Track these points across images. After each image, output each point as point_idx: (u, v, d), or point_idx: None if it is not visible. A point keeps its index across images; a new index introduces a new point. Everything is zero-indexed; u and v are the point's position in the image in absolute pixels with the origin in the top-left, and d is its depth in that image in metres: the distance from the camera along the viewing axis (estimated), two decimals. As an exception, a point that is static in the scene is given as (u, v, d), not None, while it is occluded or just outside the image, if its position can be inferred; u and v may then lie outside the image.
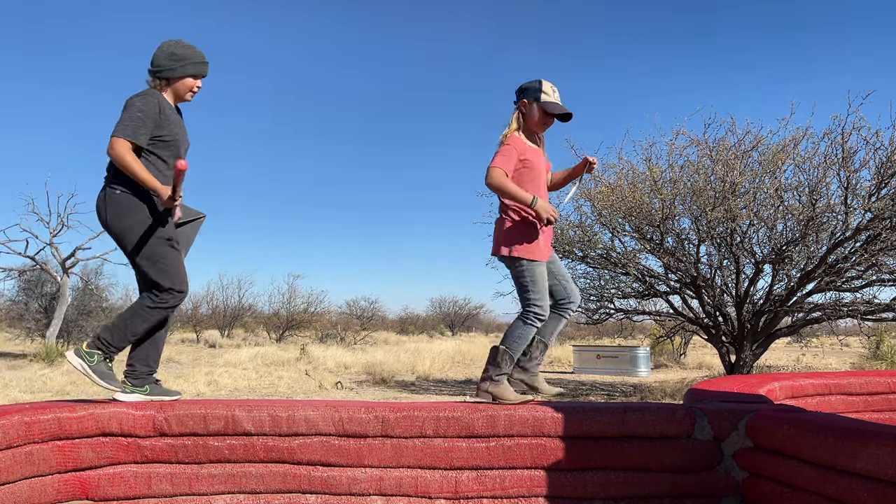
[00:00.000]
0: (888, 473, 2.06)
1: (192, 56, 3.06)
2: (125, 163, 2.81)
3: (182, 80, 3.07)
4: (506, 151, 3.13)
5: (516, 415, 2.81)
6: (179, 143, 3.09)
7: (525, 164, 3.17)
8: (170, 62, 3.01)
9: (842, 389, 4.10)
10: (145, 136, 2.90)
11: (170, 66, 3.02)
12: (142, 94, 2.97)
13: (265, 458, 2.82)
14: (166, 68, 3.02)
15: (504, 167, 3.08)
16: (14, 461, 2.49)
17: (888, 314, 8.97)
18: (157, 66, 3.02)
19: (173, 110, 3.08)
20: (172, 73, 3.03)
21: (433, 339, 33.36)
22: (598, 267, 10.57)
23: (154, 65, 3.03)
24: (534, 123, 3.23)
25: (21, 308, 19.52)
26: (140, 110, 2.88)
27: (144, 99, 2.93)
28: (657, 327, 16.26)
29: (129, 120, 2.85)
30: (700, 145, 9.39)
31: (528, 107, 3.21)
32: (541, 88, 3.20)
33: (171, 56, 3.01)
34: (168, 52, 3.01)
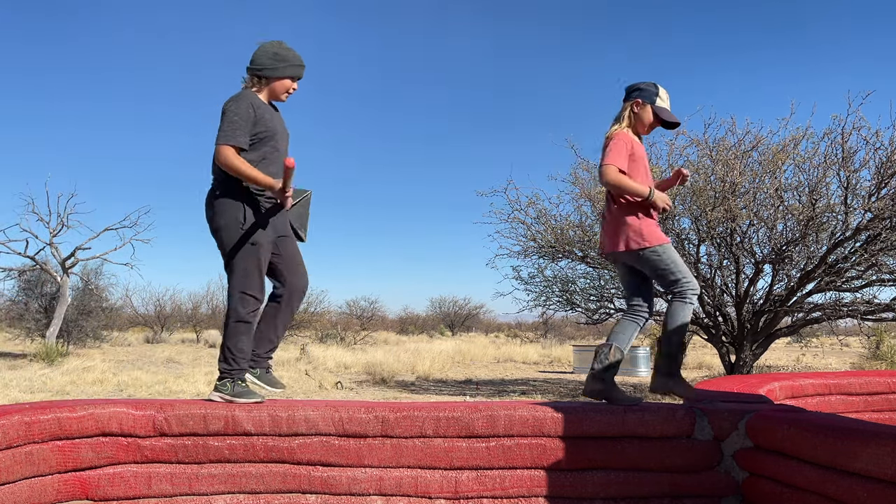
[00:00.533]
0: (888, 473, 2.06)
1: (293, 58, 3.11)
2: (234, 167, 2.89)
3: (281, 81, 3.12)
4: (618, 147, 3.13)
5: (516, 415, 2.81)
6: (278, 136, 3.12)
7: (633, 158, 3.18)
8: (272, 62, 3.06)
9: (842, 389, 4.10)
10: (244, 137, 2.96)
11: (272, 66, 3.07)
12: (235, 97, 3.02)
13: (265, 458, 2.82)
14: (268, 67, 3.06)
15: (618, 164, 3.10)
16: (14, 461, 2.49)
17: (888, 314, 8.97)
18: (259, 65, 3.07)
19: (267, 107, 3.12)
20: (273, 72, 3.08)
21: (433, 339, 33.36)
22: (598, 267, 10.57)
23: (255, 63, 3.07)
24: (643, 125, 3.26)
25: (21, 308, 19.51)
26: (235, 114, 2.94)
27: (237, 102, 2.98)
28: (657, 327, 16.25)
29: (228, 125, 2.93)
30: (700, 145, 9.39)
31: (642, 108, 3.23)
32: (657, 92, 3.23)
33: (275, 56, 3.07)
34: (271, 52, 3.07)
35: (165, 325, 30.32)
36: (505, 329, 46.68)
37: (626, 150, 3.14)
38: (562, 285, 11.33)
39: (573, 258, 10.55)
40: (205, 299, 32.60)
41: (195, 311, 32.10)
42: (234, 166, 2.89)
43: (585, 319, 11.76)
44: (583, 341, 29.49)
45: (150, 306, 30.53)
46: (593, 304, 11.37)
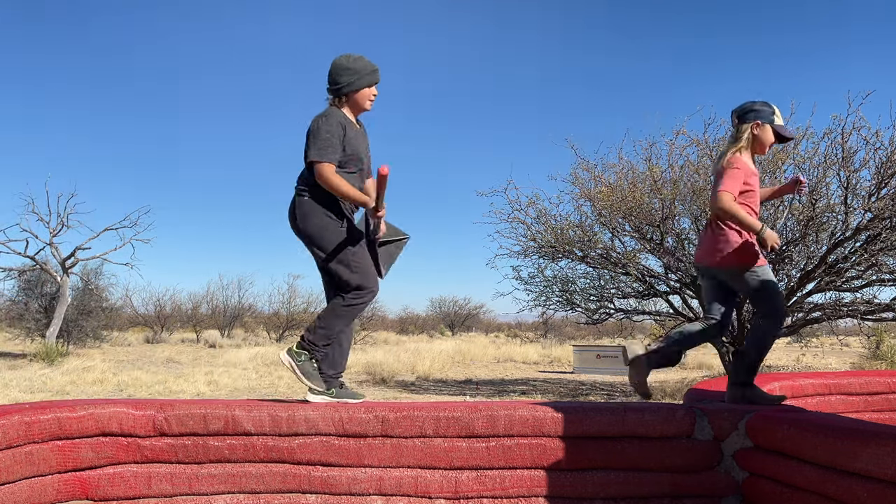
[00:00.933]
0: (888, 473, 2.06)
1: (365, 67, 3.14)
2: (334, 185, 2.96)
3: (360, 92, 3.15)
4: (734, 175, 3.16)
5: (516, 415, 2.81)
6: (361, 155, 3.18)
7: (748, 186, 3.22)
8: (348, 77, 3.10)
9: (842, 389, 4.10)
10: (336, 155, 3.02)
11: (348, 82, 3.11)
12: (324, 115, 3.08)
13: (265, 458, 2.82)
14: (345, 84, 3.11)
15: (734, 191, 3.14)
16: (14, 461, 2.49)
17: (888, 314, 8.97)
18: (337, 84, 3.12)
19: (352, 125, 3.16)
20: (351, 87, 3.12)
21: (433, 339, 33.36)
22: (598, 267, 10.56)
23: (333, 83, 3.13)
24: (762, 146, 3.30)
25: (21, 308, 19.51)
26: (327, 132, 3.00)
27: (327, 120, 3.04)
28: (657, 327, 16.26)
29: (322, 143, 2.98)
30: (700, 145, 9.39)
31: (762, 129, 3.25)
32: (773, 111, 3.27)
33: (348, 71, 3.10)
34: (343, 67, 3.11)
35: (165, 325, 30.32)
36: (505, 329, 46.68)
37: (742, 178, 3.18)
38: (562, 285, 11.33)
39: (573, 258, 10.54)
40: (205, 299, 32.63)
41: (195, 311, 32.09)
42: (332, 183, 2.96)
43: (585, 319, 11.76)
44: (583, 341, 29.49)
45: (150, 306, 30.57)
46: (593, 304, 11.37)
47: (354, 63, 3.11)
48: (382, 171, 2.87)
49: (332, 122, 3.03)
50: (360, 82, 3.12)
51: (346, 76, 3.10)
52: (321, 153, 2.96)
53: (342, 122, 3.07)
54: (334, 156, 2.99)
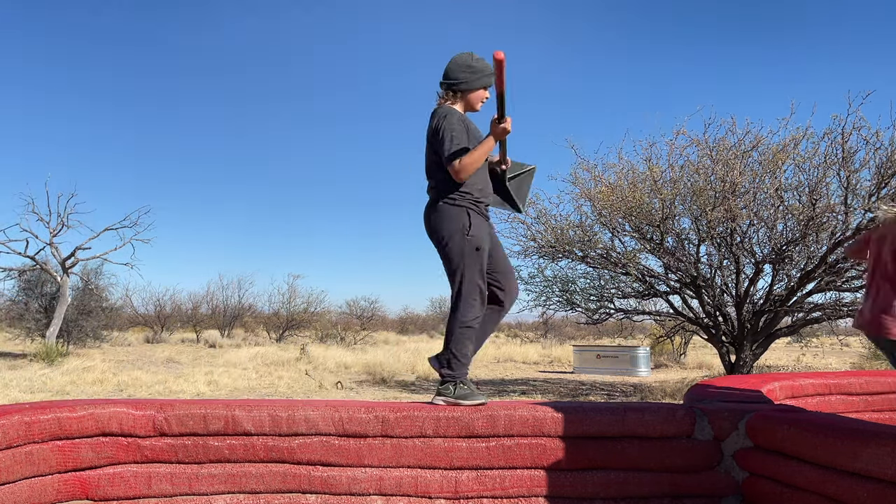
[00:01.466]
0: (888, 473, 2.06)
1: (485, 68, 3.12)
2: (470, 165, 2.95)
3: (476, 92, 3.14)
4: None
5: (516, 415, 2.81)
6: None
7: None
8: (467, 75, 3.09)
9: (842, 389, 4.10)
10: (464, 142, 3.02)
11: (466, 80, 3.10)
12: (443, 114, 3.05)
13: (265, 458, 2.82)
14: (463, 81, 3.09)
15: None
16: (14, 461, 2.50)
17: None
18: (455, 79, 3.10)
19: (470, 122, 3.16)
20: (469, 85, 3.10)
21: (433, 339, 33.36)
22: (598, 267, 10.56)
23: (450, 78, 3.11)
24: None
25: (21, 308, 19.51)
26: (453, 129, 3.00)
27: (447, 120, 3.03)
28: (657, 327, 16.26)
29: (449, 141, 2.98)
30: (700, 145, 9.39)
31: None
32: None
33: (469, 69, 3.09)
34: (465, 64, 3.09)
35: (165, 325, 30.33)
36: (505, 329, 46.67)
37: None
38: (562, 285, 11.34)
39: (573, 258, 10.55)
40: (205, 299, 32.64)
41: (195, 311, 32.10)
42: (469, 165, 2.94)
43: (585, 319, 11.76)
44: (583, 341, 29.49)
45: (150, 306, 30.59)
46: (593, 304, 11.37)
47: (476, 62, 3.10)
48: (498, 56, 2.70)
49: (453, 119, 3.03)
50: (478, 83, 3.11)
51: (465, 74, 3.08)
52: (453, 153, 2.95)
53: (461, 118, 3.07)
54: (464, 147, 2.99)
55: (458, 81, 3.09)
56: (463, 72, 3.08)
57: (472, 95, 3.14)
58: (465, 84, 3.09)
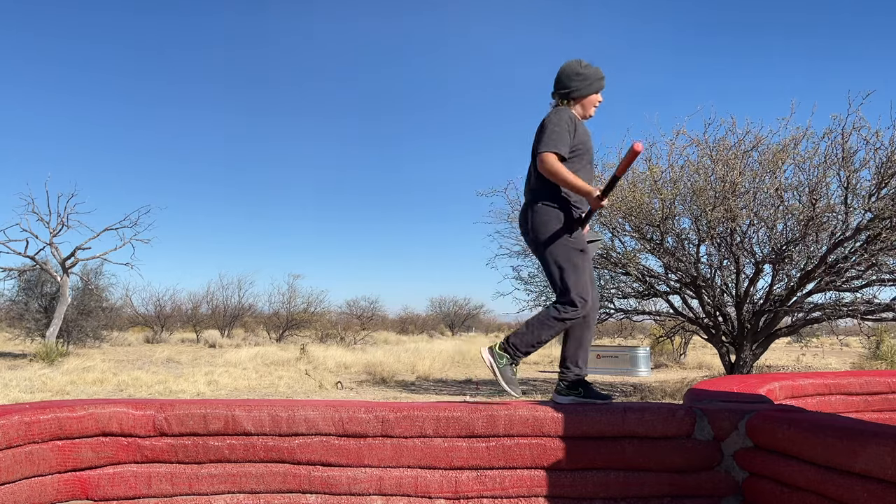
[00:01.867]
0: (888, 473, 2.06)
1: (595, 73, 3.15)
2: (557, 171, 2.94)
3: (588, 98, 3.17)
4: None
5: (516, 415, 2.81)
6: (591, 154, 3.19)
7: None
8: (578, 83, 3.13)
9: (842, 389, 4.10)
10: (566, 147, 3.01)
11: (577, 87, 3.13)
12: (554, 111, 3.09)
13: (265, 458, 2.82)
14: (575, 89, 3.13)
15: None
16: (14, 461, 2.49)
17: (888, 314, 8.96)
18: (567, 88, 3.13)
19: (582, 124, 3.17)
20: (580, 92, 3.14)
21: (433, 339, 33.36)
22: (598, 267, 10.55)
23: (562, 87, 3.14)
24: None
25: (21, 308, 19.52)
26: (557, 125, 3.01)
27: (558, 115, 3.05)
28: (657, 327, 16.26)
29: (549, 135, 2.99)
30: (700, 145, 9.39)
31: None
32: None
33: (579, 76, 3.12)
34: (574, 72, 3.13)
35: (165, 325, 30.32)
36: (505, 329, 46.66)
37: None
38: (562, 285, 11.30)
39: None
40: (205, 299, 32.64)
41: (195, 311, 32.10)
42: (556, 171, 2.94)
43: (585, 319, 11.73)
44: (583, 341, 29.40)
45: (150, 306, 30.59)
46: (593, 304, 11.34)
47: (585, 69, 3.13)
48: (637, 148, 2.73)
49: (563, 116, 3.04)
50: (590, 88, 3.15)
51: (576, 81, 3.12)
52: (547, 144, 2.96)
53: (572, 118, 3.07)
54: (563, 147, 2.98)
55: (570, 89, 3.13)
56: (573, 80, 3.12)
57: (586, 101, 3.17)
58: (576, 91, 3.13)
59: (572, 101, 3.15)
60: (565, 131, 3.00)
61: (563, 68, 3.15)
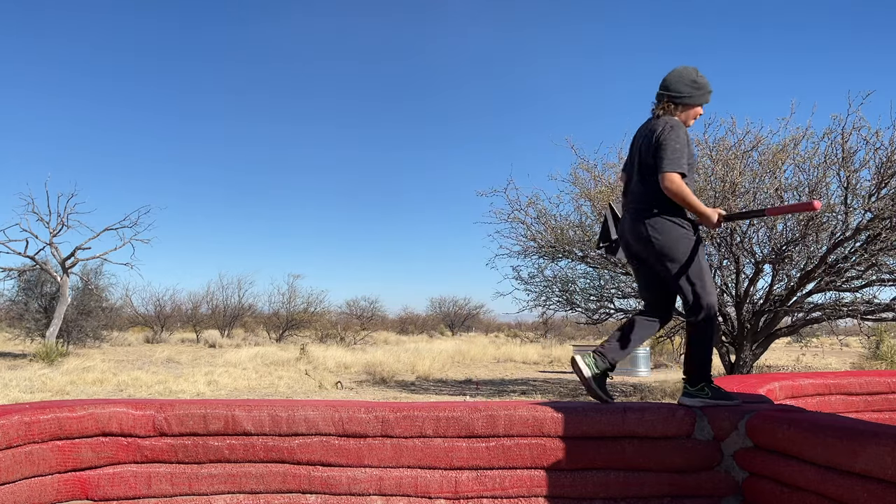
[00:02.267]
0: (888, 473, 2.06)
1: (707, 86, 3.13)
2: (683, 193, 2.92)
3: (694, 108, 3.14)
4: None
5: (516, 415, 2.81)
6: (695, 164, 3.18)
7: None
8: (691, 90, 3.09)
9: (842, 389, 4.10)
10: (686, 164, 2.99)
11: (690, 94, 3.09)
12: (670, 126, 3.02)
13: (265, 458, 2.82)
14: (686, 95, 3.09)
15: None
16: (14, 461, 2.49)
17: (888, 314, 8.97)
18: (678, 93, 3.08)
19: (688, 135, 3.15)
20: (691, 100, 3.10)
21: (433, 339, 33.37)
22: (598, 267, 10.57)
23: (672, 90, 3.09)
24: None
25: (21, 308, 19.52)
26: (677, 142, 2.97)
27: (675, 132, 3.00)
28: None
29: (672, 153, 2.94)
30: (700, 145, 9.38)
31: None
32: None
33: (693, 84, 3.09)
34: (690, 79, 3.09)
35: (165, 325, 30.33)
36: (505, 329, 46.70)
37: None
38: (562, 285, 11.33)
39: (573, 258, 10.55)
40: (205, 299, 32.64)
41: (195, 311, 32.11)
42: (682, 192, 2.92)
43: (585, 319, 11.76)
44: (583, 341, 29.48)
45: (150, 306, 30.59)
46: (593, 304, 11.37)
47: (700, 79, 3.10)
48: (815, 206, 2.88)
49: (681, 133, 3.00)
50: (700, 99, 3.12)
51: (690, 89, 3.08)
52: (673, 164, 2.92)
53: (686, 134, 3.04)
54: (684, 165, 2.95)
55: (682, 95, 3.08)
56: (688, 86, 3.08)
57: (691, 111, 3.13)
58: (688, 98, 3.09)
59: (679, 108, 3.10)
60: (685, 147, 2.97)
61: (677, 72, 3.10)
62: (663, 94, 3.11)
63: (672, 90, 3.08)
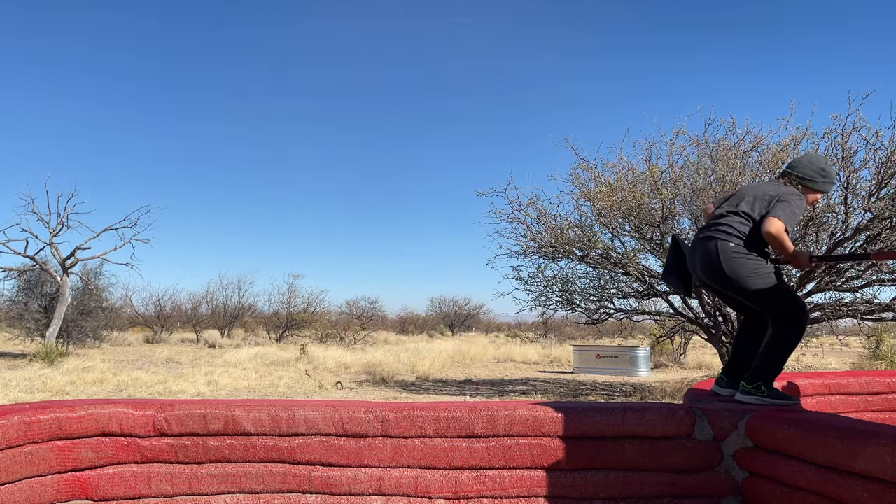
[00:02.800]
0: (888, 473, 2.06)
1: (832, 177, 3.39)
2: (782, 240, 3.10)
3: (816, 194, 3.38)
4: None
5: (516, 415, 2.81)
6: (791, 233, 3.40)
7: None
8: (819, 177, 3.33)
9: (842, 389, 4.10)
10: (793, 226, 3.22)
11: (814, 179, 3.33)
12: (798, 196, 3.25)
13: (265, 458, 2.82)
14: (812, 180, 3.33)
15: None
16: (14, 461, 2.50)
17: (888, 314, 8.97)
18: (805, 176, 3.33)
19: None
20: (816, 186, 3.34)
21: (433, 339, 33.36)
22: (598, 267, 10.57)
23: (800, 172, 3.34)
24: None
25: (21, 308, 19.52)
26: (798, 208, 3.19)
27: (801, 201, 3.23)
28: (657, 327, 16.26)
29: (791, 213, 3.16)
30: (700, 145, 9.39)
31: None
32: None
33: (821, 172, 3.33)
34: (819, 167, 3.33)
35: (165, 325, 30.33)
36: (505, 329, 46.69)
37: None
38: (562, 285, 11.33)
39: (573, 258, 10.55)
40: (205, 299, 32.63)
41: (195, 311, 32.10)
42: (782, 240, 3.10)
43: (585, 319, 11.76)
44: (583, 341, 29.49)
45: (150, 306, 30.59)
46: (593, 304, 11.37)
47: (829, 168, 3.36)
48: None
49: (802, 205, 3.23)
50: (823, 186, 3.36)
51: (818, 175, 3.32)
52: (785, 217, 3.11)
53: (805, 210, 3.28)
54: (791, 226, 3.17)
55: (810, 180, 3.31)
56: (816, 172, 3.31)
57: (813, 195, 3.36)
58: (814, 184, 3.32)
59: (804, 189, 3.32)
60: (798, 216, 3.20)
61: (810, 157, 3.36)
62: (790, 173, 3.34)
63: (802, 173, 3.32)
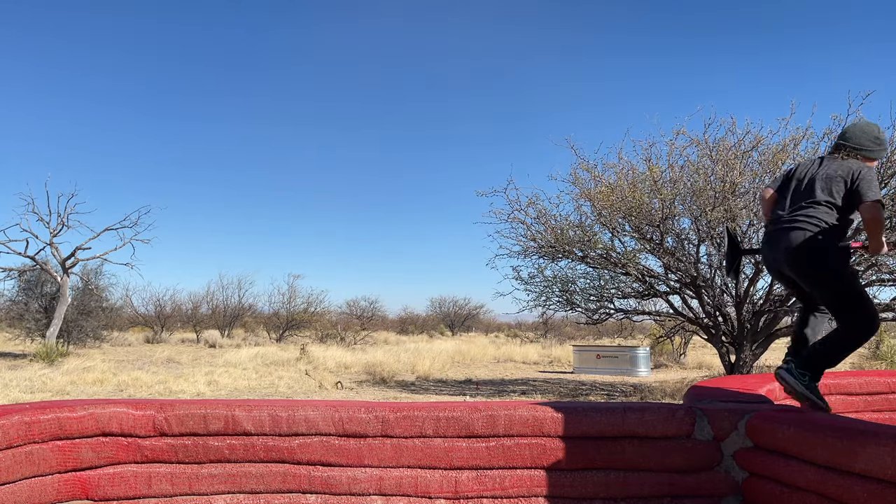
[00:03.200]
0: (888, 473, 2.06)
1: (885, 144, 3.40)
2: (881, 221, 3.13)
3: (872, 162, 3.35)
4: None
5: (516, 415, 2.81)
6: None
7: None
8: (873, 145, 3.33)
9: (842, 389, 4.10)
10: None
11: (870, 148, 3.33)
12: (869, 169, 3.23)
13: (265, 458, 2.82)
14: (867, 149, 3.32)
15: None
16: (14, 461, 2.50)
17: (888, 314, 8.96)
18: (860, 145, 3.32)
19: None
20: (871, 154, 3.33)
21: (433, 339, 33.37)
22: (598, 267, 10.57)
23: (855, 142, 3.33)
24: None
25: (21, 308, 19.53)
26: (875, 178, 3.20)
27: (871, 172, 3.22)
28: (657, 327, 16.27)
29: (875, 185, 3.16)
30: (700, 145, 9.39)
31: None
32: None
33: (875, 140, 3.34)
34: (873, 135, 3.34)
35: (165, 325, 30.33)
36: (505, 329, 46.68)
37: None
38: (562, 285, 11.33)
39: (573, 258, 10.54)
40: (205, 299, 32.65)
41: (195, 311, 32.11)
42: (881, 221, 3.13)
43: (585, 319, 11.76)
44: (583, 341, 29.49)
45: (150, 306, 30.60)
46: (593, 304, 11.37)
47: (882, 136, 3.36)
48: None
49: (874, 173, 3.23)
50: (877, 154, 3.35)
51: (871, 144, 3.32)
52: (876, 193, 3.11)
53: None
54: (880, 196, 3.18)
55: (863, 148, 3.30)
56: (871, 141, 3.31)
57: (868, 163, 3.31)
58: (866, 152, 3.31)
59: (862, 160, 3.29)
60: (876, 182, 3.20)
61: (861, 127, 3.35)
62: (845, 145, 3.32)
63: (856, 143, 3.31)
